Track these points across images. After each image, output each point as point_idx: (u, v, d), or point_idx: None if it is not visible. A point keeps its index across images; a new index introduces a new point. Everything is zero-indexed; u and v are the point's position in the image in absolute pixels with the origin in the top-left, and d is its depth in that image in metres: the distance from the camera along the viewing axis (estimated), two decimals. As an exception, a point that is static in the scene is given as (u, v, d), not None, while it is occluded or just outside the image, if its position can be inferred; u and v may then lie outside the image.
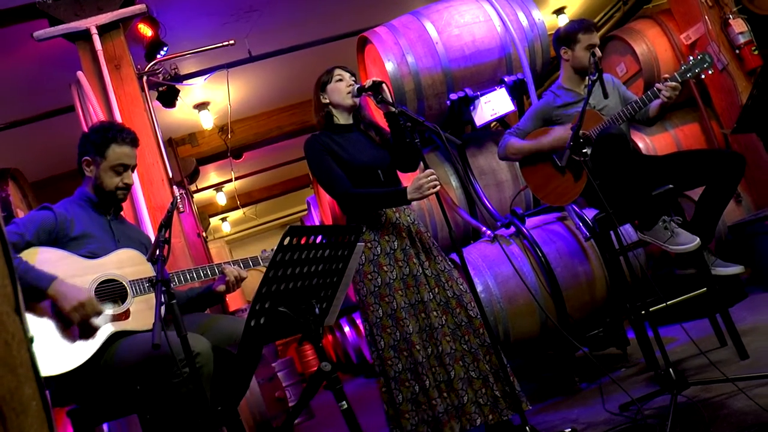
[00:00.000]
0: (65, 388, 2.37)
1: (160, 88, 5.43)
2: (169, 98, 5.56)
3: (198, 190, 9.03)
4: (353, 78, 3.08)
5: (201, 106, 6.67)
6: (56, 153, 6.45)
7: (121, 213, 2.85)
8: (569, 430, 2.92)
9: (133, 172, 2.75)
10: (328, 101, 3.07)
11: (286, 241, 1.90)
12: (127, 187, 2.71)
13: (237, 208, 10.57)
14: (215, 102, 6.76)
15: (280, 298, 2.00)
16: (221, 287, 2.68)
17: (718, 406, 2.60)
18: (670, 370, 2.67)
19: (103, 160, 2.63)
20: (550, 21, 7.27)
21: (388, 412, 2.92)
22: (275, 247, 2.79)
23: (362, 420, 4.96)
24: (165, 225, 2.14)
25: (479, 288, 3.68)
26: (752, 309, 4.10)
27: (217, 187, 9.58)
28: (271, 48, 5.67)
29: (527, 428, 2.66)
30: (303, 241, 1.97)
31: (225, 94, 6.37)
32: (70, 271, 2.36)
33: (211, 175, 9.13)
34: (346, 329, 8.70)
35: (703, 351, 3.37)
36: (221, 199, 9.89)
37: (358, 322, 7.89)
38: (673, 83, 3.10)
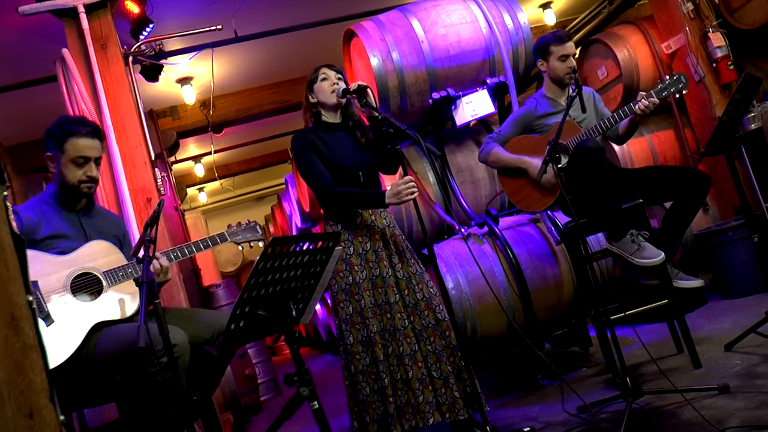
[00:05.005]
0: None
1: (144, 63, 5.41)
2: (152, 73, 5.53)
3: (177, 161, 9.00)
4: (339, 76, 3.14)
5: (184, 80, 6.65)
6: (34, 119, 6.37)
7: (95, 206, 2.82)
8: (528, 429, 3.05)
9: (98, 165, 2.68)
10: (315, 100, 3.14)
11: (269, 251, 1.97)
12: (91, 180, 2.65)
13: (215, 179, 10.56)
14: (198, 77, 6.73)
15: (259, 302, 2.08)
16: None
17: (669, 415, 2.74)
18: (627, 379, 2.80)
19: (62, 153, 2.59)
20: (536, 15, 7.33)
21: (351, 405, 3.04)
22: (240, 222, 2.87)
23: (329, 399, 5.07)
24: (151, 224, 2.20)
25: (450, 285, 3.79)
26: (710, 316, 4.27)
27: (196, 158, 9.56)
28: (257, 29, 5.66)
29: (488, 428, 2.80)
30: (284, 250, 2.05)
31: (208, 69, 6.36)
32: (44, 269, 2.41)
33: (191, 146, 9.11)
34: (317, 307, 8.81)
35: (659, 359, 3.57)
36: (199, 170, 9.87)
37: (329, 301, 7.99)
38: (654, 99, 3.21)
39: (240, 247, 2.84)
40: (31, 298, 0.64)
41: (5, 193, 0.64)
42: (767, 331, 3.26)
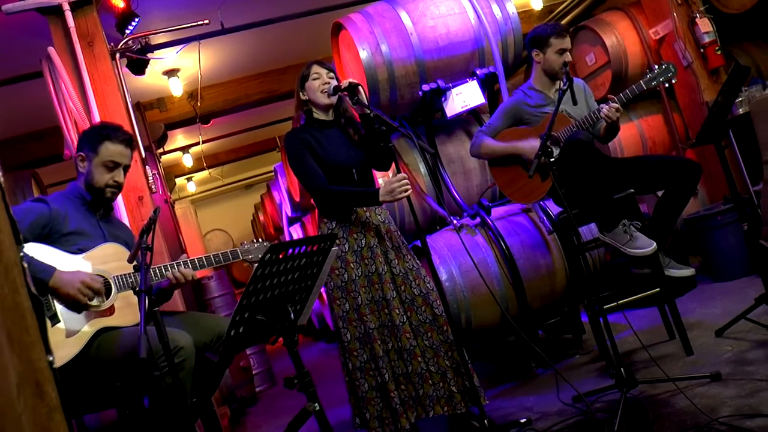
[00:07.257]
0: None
1: (131, 57, 5.36)
2: (139, 67, 5.49)
3: (165, 153, 8.95)
4: (331, 75, 3.13)
5: (171, 72, 6.60)
6: (20, 115, 6.35)
7: (112, 213, 2.92)
8: (524, 420, 3.09)
9: (125, 172, 2.80)
10: (306, 98, 3.12)
11: (267, 257, 1.97)
12: (117, 186, 2.77)
13: (203, 169, 10.54)
14: (185, 69, 6.68)
15: (258, 307, 2.09)
16: (166, 285, 2.73)
17: (663, 404, 2.78)
18: (621, 369, 2.84)
19: (96, 155, 2.71)
20: (523, 0, 7.30)
21: (352, 401, 3.06)
22: (253, 240, 2.89)
23: (324, 390, 5.11)
24: (146, 231, 2.20)
25: (444, 277, 3.82)
26: (701, 300, 4.32)
27: (184, 149, 9.52)
28: (243, 20, 5.61)
29: (485, 421, 2.83)
30: (282, 255, 2.06)
31: (195, 61, 6.32)
32: (58, 267, 2.42)
33: (179, 137, 9.07)
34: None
35: (651, 345, 3.62)
36: (188, 160, 9.83)
37: (321, 290, 8.01)
38: (616, 105, 3.22)
39: (243, 249, 2.86)
40: (51, 358, 0.65)
41: (21, 254, 0.64)
42: (757, 317, 3.31)
